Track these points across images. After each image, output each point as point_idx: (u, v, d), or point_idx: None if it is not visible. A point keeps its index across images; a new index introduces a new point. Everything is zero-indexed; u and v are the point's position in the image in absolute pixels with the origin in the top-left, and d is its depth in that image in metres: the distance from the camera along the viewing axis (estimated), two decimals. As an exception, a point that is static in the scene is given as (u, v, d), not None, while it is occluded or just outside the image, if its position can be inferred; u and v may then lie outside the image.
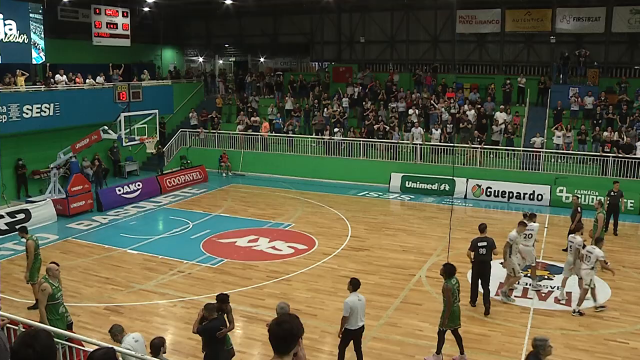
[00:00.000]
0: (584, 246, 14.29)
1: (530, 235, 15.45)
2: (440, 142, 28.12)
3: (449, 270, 11.42)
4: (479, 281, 14.11)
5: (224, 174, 30.79)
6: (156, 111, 24.79)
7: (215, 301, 10.25)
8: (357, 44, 37.54)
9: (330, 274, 16.27)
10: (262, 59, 45.63)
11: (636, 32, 31.09)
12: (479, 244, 14.01)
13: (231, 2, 32.36)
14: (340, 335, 10.87)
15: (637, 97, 28.79)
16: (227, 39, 42.54)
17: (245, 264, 17.06)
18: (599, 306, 13.98)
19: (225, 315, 10.17)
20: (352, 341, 10.96)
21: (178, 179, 28.09)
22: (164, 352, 9.01)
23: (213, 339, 9.75)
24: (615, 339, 12.57)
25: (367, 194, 26.96)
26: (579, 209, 19.08)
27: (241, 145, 31.56)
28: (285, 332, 4.29)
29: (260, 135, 31.23)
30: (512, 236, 14.38)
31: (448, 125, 28.72)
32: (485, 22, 33.77)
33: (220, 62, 46.88)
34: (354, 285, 10.85)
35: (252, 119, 32.25)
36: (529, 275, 16.16)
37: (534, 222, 15.99)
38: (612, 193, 21.04)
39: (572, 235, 15.03)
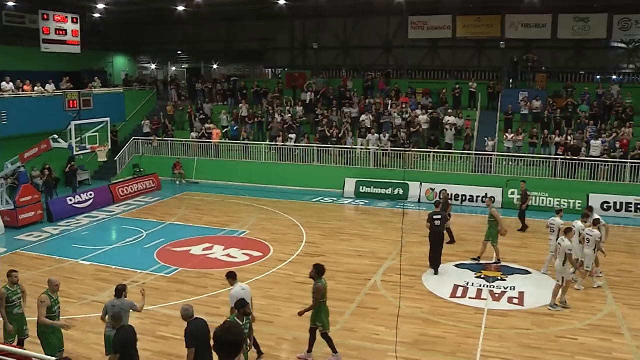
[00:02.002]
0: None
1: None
2: (392, 147, 28.35)
3: (319, 271, 11.56)
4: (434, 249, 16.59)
5: (178, 182, 30.48)
6: (108, 119, 24.39)
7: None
8: (311, 50, 37.76)
9: (285, 280, 16.24)
10: (215, 66, 45.43)
11: (580, 39, 32.16)
12: (434, 217, 16.61)
13: (184, 8, 32.17)
14: None
15: (582, 101, 29.53)
16: (180, 46, 42.28)
17: (200, 272, 16.92)
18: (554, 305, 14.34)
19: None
20: None
21: (131, 188, 27.70)
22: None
23: (128, 351, 9.52)
24: (565, 335, 12.87)
25: (322, 199, 27.01)
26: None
27: (195, 153, 31.32)
28: (232, 338, 4.27)
29: (218, 142, 31.02)
30: (570, 246, 14.32)
31: (401, 130, 28.95)
32: (437, 28, 34.35)
33: (173, 69, 46.47)
34: (233, 277, 11.43)
35: (206, 126, 32.02)
36: (482, 277, 16.47)
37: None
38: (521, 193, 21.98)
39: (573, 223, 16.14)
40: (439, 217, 16.71)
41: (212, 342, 4.40)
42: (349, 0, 32.06)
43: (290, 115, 31.59)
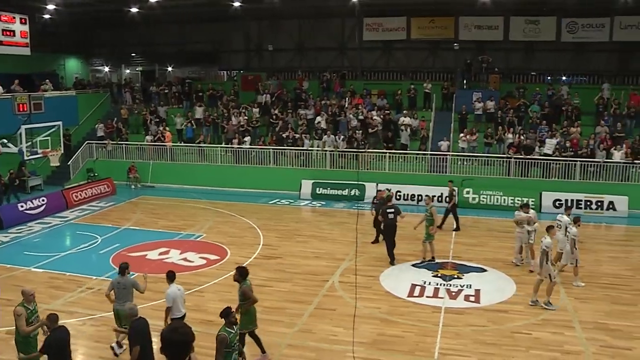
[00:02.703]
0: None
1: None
2: (348, 148, 28.47)
3: (243, 273, 11.64)
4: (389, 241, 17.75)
5: (133, 186, 30.08)
6: (60, 123, 23.99)
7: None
8: (266, 52, 37.66)
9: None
10: (170, 68, 45.00)
11: (531, 40, 32.86)
12: (388, 211, 17.86)
13: (137, 10, 31.77)
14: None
15: (534, 101, 30.13)
16: (134, 48, 41.73)
17: (156, 277, 16.59)
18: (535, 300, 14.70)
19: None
20: None
21: (85, 193, 27.20)
22: None
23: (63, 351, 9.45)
24: (520, 330, 13.14)
25: (278, 201, 26.97)
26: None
27: (150, 157, 30.94)
28: (181, 337, 4.21)
29: (171, 145, 30.70)
30: (548, 243, 14.62)
31: (357, 131, 29.08)
32: (392, 30, 34.62)
33: (127, 71, 45.83)
34: (171, 277, 11.71)
35: (160, 129, 31.67)
36: (439, 275, 16.65)
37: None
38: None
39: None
40: (392, 210, 17.89)
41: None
42: (303, 1, 32.09)
43: (246, 117, 31.42)
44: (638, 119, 28.78)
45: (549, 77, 34.46)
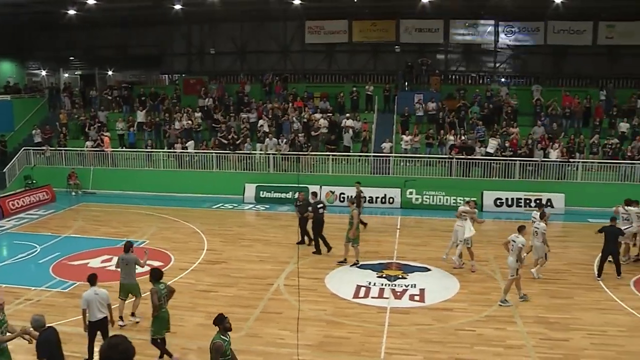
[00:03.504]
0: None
1: None
2: (291, 151, 28.47)
3: (156, 275, 11.66)
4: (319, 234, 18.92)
5: (74, 193, 29.36)
6: (-7, 128, 23.21)
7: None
8: (208, 55, 37.33)
9: (187, 289, 15.91)
10: (110, 72, 44.14)
11: (470, 43, 33.52)
12: (319, 207, 19.25)
13: (75, 12, 30.99)
14: (86, 330, 11.34)
15: (474, 103, 30.75)
16: (72, 52, 40.62)
17: (99, 285, 16.31)
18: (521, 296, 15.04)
19: None
20: (100, 333, 11.36)
21: (22, 201, 26.37)
22: None
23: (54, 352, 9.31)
24: (464, 328, 13.40)
25: (222, 206, 26.75)
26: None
27: (90, 162, 30.27)
28: (121, 355, 4.08)
29: (110, 150, 30.11)
30: (522, 242, 14.81)
31: (299, 134, 29.10)
32: (334, 33, 34.80)
33: (66, 75, 44.64)
34: (91, 281, 11.67)
35: (101, 134, 31.02)
36: (384, 276, 16.77)
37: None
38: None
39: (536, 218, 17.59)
40: (322, 205, 19.65)
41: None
42: (245, 5, 31.94)
43: (188, 121, 31.06)
44: (573, 119, 29.75)
45: (488, 79, 35.18)
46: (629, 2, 29.37)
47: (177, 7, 30.53)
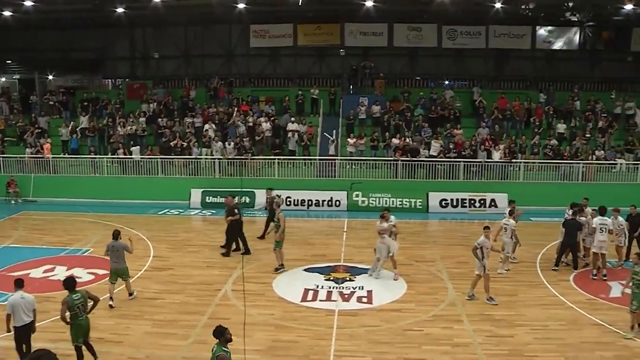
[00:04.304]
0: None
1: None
2: (237, 155, 28.29)
3: (69, 284, 11.45)
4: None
5: (13, 202, 28.44)
6: None
7: None
8: (152, 59, 36.84)
9: (134, 297, 15.67)
10: (50, 77, 43.03)
11: (414, 47, 34.03)
12: (236, 210, 19.30)
13: (11, 14, 30.06)
14: (11, 332, 11.24)
15: (418, 105, 31.16)
16: (10, 55, 39.41)
17: (41, 296, 15.73)
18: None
19: None
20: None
21: (-43, 210, 25.48)
22: None
23: None
24: (412, 328, 13.56)
25: (168, 212, 26.37)
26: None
27: (31, 170, 29.39)
28: None
29: (51, 157, 29.31)
30: (481, 241, 15.09)
31: (245, 138, 28.93)
32: (278, 36, 34.82)
33: (3, 79, 43.31)
34: (18, 284, 11.48)
35: (42, 140, 30.18)
36: (331, 279, 16.80)
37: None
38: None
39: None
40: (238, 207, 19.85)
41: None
42: (190, 8, 31.66)
43: (132, 126, 30.54)
44: (514, 121, 30.45)
45: (432, 82, 35.68)
46: (565, 9, 30.41)
47: (120, 10, 30.04)
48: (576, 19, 32.58)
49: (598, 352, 12.34)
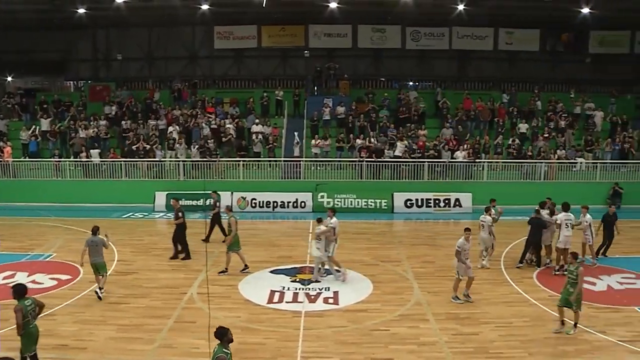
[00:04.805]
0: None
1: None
2: (201, 157, 28.12)
3: (19, 291, 11.16)
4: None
5: (-30, 207, 27.88)
6: None
7: None
8: (115, 61, 36.42)
9: (97, 302, 15.33)
10: (9, 78, 42.18)
11: (379, 48, 34.23)
12: (180, 214, 19.14)
13: (-33, 14, 29.44)
14: None
15: (383, 106, 31.35)
16: (-33, 56, 38.66)
17: (1, 304, 15.50)
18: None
19: None
20: None
21: None
22: None
23: None
24: (378, 328, 13.57)
25: (132, 215, 26.08)
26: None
27: (-11, 174, 28.84)
28: None
29: (11, 161, 28.73)
30: (460, 243, 14.99)
31: (209, 140, 28.76)
32: (243, 38, 34.74)
33: (-41, 81, 42.33)
34: None
35: (2, 144, 29.57)
36: (297, 280, 16.78)
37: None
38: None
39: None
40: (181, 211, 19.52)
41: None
42: (153, 10, 31.39)
43: (94, 129, 30.13)
44: (478, 121, 30.82)
45: (396, 83, 35.91)
46: (525, 12, 30.95)
47: (81, 11, 29.62)
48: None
49: (560, 347, 12.59)
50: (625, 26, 33.80)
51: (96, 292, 15.39)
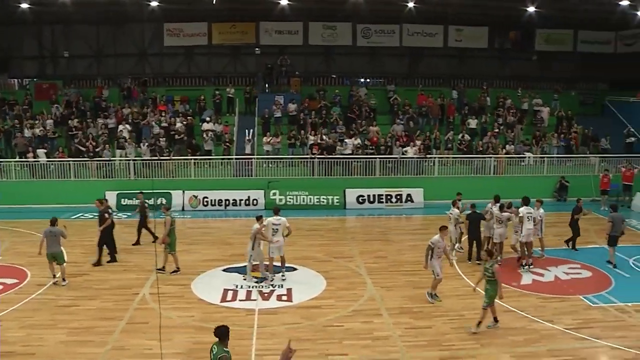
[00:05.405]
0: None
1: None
2: (152, 156, 27.77)
3: None
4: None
5: None
6: None
7: None
8: (62, 58, 35.63)
9: (47, 305, 15.05)
10: (-53, 76, 40.88)
11: (330, 45, 34.36)
12: (106, 214, 18.88)
13: None
14: None
15: (334, 103, 31.47)
16: None
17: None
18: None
19: None
20: None
21: None
22: None
23: None
24: (332, 324, 13.69)
25: (82, 215, 25.52)
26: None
27: None
28: None
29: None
30: (434, 240, 14.83)
31: (160, 138, 28.41)
32: (193, 35, 34.35)
33: None
34: None
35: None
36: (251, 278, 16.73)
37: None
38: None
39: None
40: (110, 211, 19.49)
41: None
42: (101, 6, 30.83)
43: (41, 128, 29.43)
44: (428, 118, 31.22)
45: (347, 80, 36.06)
46: (474, 10, 31.47)
47: (24, 5, 28.91)
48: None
49: (510, 337, 12.92)
50: (569, 25, 34.79)
51: (55, 283, 16.38)
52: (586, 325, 13.49)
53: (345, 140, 28.30)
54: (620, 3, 27.94)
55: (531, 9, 29.43)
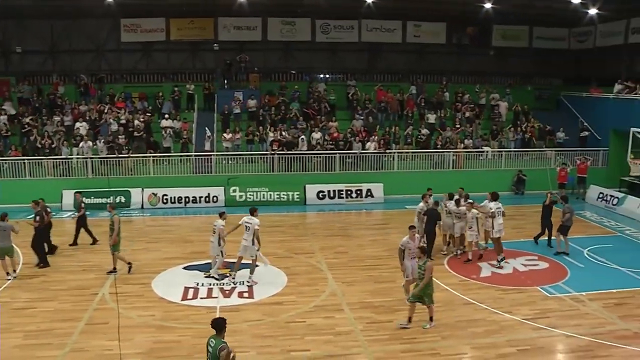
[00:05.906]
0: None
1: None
2: (109, 154, 27.35)
3: None
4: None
5: None
6: None
7: None
8: (14, 54, 34.80)
9: (1, 308, 14.74)
10: None
11: (289, 41, 34.35)
12: (37, 217, 18.44)
13: None
14: None
15: (293, 99, 31.48)
16: None
17: None
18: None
19: None
20: None
21: None
22: None
23: None
24: (294, 320, 13.76)
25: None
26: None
27: None
28: None
29: None
30: (403, 242, 14.55)
31: (119, 136, 28.01)
32: (151, 31, 33.94)
33: None
34: None
35: None
36: (211, 275, 16.64)
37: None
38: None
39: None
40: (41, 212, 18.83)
41: None
42: (55, 0, 30.19)
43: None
44: (387, 113, 31.44)
45: (306, 76, 36.06)
46: (432, 5, 31.79)
47: (-28, -1, 28.20)
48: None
49: (470, 329, 13.17)
50: (525, 21, 35.42)
51: (14, 271, 16.99)
52: (543, 315, 13.87)
53: (308, 135, 28.35)
54: (573, 1, 28.46)
55: (488, 5, 29.80)
